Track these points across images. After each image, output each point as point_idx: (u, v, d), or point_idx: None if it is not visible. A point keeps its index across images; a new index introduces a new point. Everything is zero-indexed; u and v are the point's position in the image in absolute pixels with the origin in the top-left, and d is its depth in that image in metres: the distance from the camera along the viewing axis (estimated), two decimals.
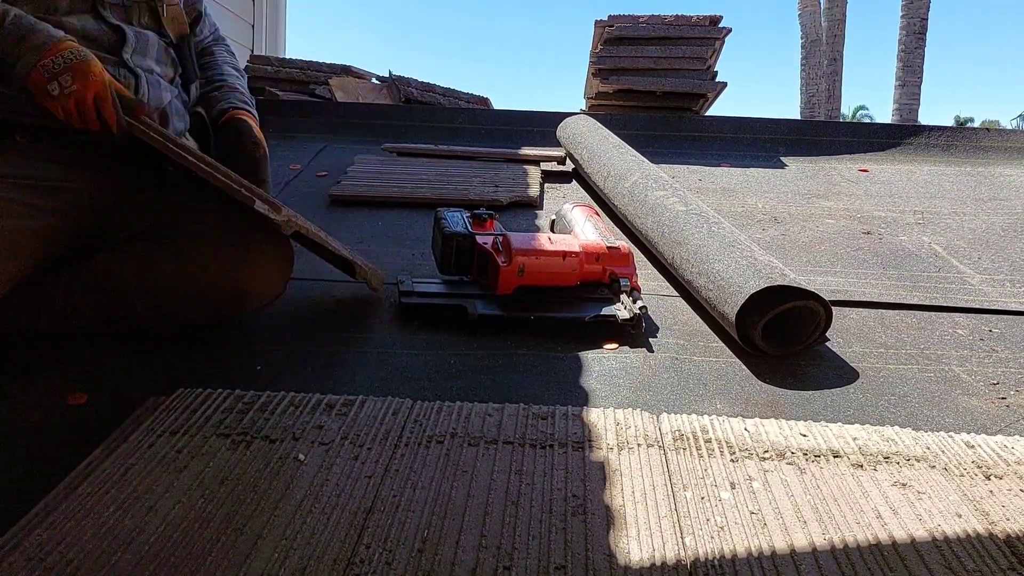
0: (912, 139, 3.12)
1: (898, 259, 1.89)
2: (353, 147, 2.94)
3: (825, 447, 1.02)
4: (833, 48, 8.78)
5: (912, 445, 1.03)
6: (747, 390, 1.24)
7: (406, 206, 2.22)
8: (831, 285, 1.70)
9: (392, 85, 3.86)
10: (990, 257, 1.92)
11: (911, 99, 7.82)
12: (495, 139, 3.11)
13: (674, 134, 3.17)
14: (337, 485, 0.89)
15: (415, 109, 3.46)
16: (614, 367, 1.30)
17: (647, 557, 0.79)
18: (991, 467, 0.99)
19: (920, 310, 1.60)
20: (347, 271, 1.47)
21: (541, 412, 1.08)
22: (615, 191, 2.02)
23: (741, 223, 2.15)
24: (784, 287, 1.32)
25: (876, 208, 2.32)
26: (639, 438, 1.02)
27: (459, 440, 1.00)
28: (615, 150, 2.24)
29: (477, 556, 0.78)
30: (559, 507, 0.86)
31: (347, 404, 1.09)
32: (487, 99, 4.14)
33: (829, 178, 2.68)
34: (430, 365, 1.28)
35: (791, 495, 0.91)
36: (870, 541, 0.82)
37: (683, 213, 1.66)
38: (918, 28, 7.69)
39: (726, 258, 1.42)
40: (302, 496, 0.87)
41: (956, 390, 1.26)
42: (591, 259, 1.51)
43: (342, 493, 0.87)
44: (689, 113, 3.62)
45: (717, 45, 3.71)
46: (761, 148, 3.05)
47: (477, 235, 1.50)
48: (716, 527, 0.84)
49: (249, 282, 1.27)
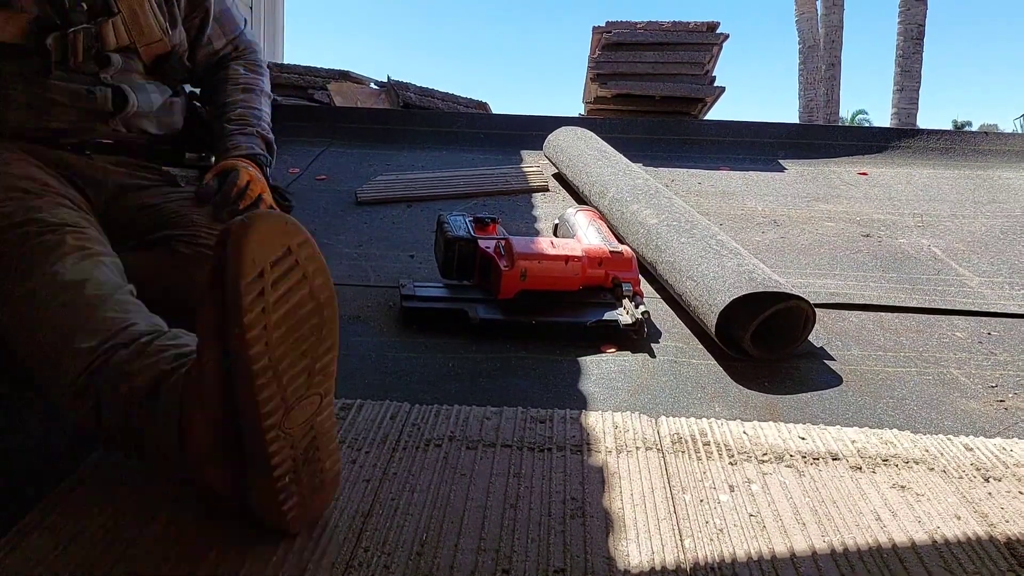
0: (911, 142, 3.12)
1: (897, 262, 1.89)
2: (351, 152, 2.95)
3: (824, 450, 1.02)
4: (831, 53, 8.80)
5: (911, 448, 1.03)
6: (746, 393, 1.24)
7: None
8: (830, 288, 1.70)
9: (391, 90, 3.87)
10: (989, 260, 1.92)
11: (909, 103, 7.83)
12: (493, 144, 3.11)
13: (673, 138, 3.17)
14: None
15: (414, 114, 3.47)
16: (613, 370, 1.30)
17: (646, 560, 0.79)
18: (990, 469, 0.98)
19: (919, 313, 1.60)
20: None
21: (539, 416, 1.08)
22: (599, 206, 2.02)
23: (740, 226, 2.15)
24: (760, 293, 1.32)
25: (875, 211, 2.33)
26: (638, 441, 1.02)
27: (457, 443, 1.00)
28: (595, 163, 2.22)
29: (475, 559, 0.78)
30: (558, 510, 0.86)
31: (345, 408, 1.08)
32: (486, 104, 4.15)
33: (828, 181, 2.69)
34: (428, 368, 1.28)
35: (790, 498, 0.90)
36: (869, 543, 0.82)
37: (656, 226, 1.66)
38: (915, 33, 7.71)
39: (699, 268, 1.43)
40: None
41: (955, 393, 1.26)
42: (594, 263, 1.51)
43: (340, 496, 0.87)
44: (688, 118, 3.63)
45: (715, 50, 3.72)
46: (760, 152, 3.06)
47: (479, 239, 1.50)
48: (715, 530, 0.84)
49: None
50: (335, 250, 1.88)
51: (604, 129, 2.94)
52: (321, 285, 0.77)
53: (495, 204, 2.32)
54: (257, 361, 0.72)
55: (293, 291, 0.74)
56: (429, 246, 1.79)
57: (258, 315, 0.71)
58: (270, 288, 0.72)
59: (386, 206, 2.28)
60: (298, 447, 0.78)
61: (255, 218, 0.72)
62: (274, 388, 0.73)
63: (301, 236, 0.74)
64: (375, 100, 3.82)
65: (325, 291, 0.77)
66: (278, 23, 5.05)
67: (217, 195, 1.26)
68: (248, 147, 1.36)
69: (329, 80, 3.82)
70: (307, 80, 3.82)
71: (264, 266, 0.71)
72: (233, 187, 1.26)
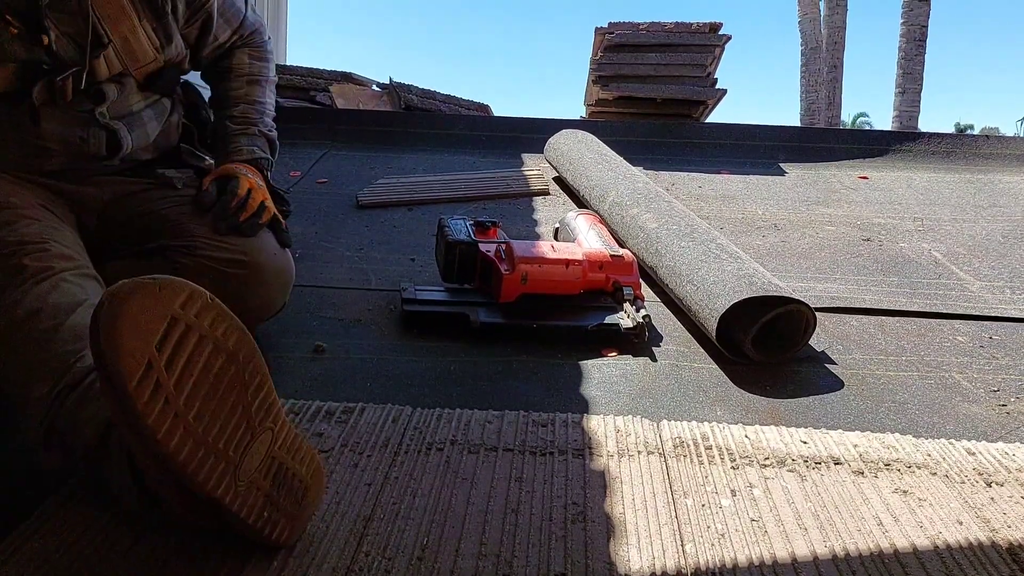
0: (912, 146, 3.12)
1: (898, 266, 1.89)
2: (353, 154, 2.95)
3: (826, 454, 1.02)
4: (833, 55, 8.79)
5: (913, 452, 1.03)
6: (747, 397, 1.24)
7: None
8: (831, 292, 1.70)
9: (392, 92, 3.87)
10: (990, 264, 1.92)
11: (911, 106, 7.83)
12: (495, 146, 3.12)
13: (674, 141, 3.17)
14: (337, 492, 0.89)
15: (415, 116, 3.47)
16: (614, 374, 1.30)
17: (647, 565, 0.79)
18: (992, 474, 0.98)
19: (920, 317, 1.60)
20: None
21: (541, 419, 1.08)
22: (600, 210, 2.02)
23: (741, 230, 2.15)
24: (761, 297, 1.31)
25: (876, 215, 2.33)
26: (639, 445, 1.02)
27: (459, 447, 1.00)
28: (595, 167, 2.22)
29: (476, 564, 0.78)
30: (559, 515, 0.86)
31: (347, 411, 1.09)
32: (487, 106, 4.15)
33: (829, 185, 2.69)
34: (430, 372, 1.28)
35: (792, 502, 0.90)
36: (871, 548, 0.82)
37: (655, 230, 1.66)
38: (918, 35, 7.71)
39: (699, 273, 1.43)
40: None
41: (956, 397, 1.26)
42: (594, 267, 1.51)
43: (341, 500, 0.87)
44: (689, 120, 3.64)
45: (717, 52, 3.72)
46: (761, 155, 3.06)
47: (480, 243, 1.51)
48: (717, 534, 0.84)
49: (250, 304, 1.25)
50: (336, 253, 1.88)
51: (605, 132, 2.94)
52: (225, 333, 0.70)
53: (496, 208, 2.32)
54: (180, 452, 0.66)
55: (195, 358, 0.67)
56: (430, 250, 1.79)
57: (161, 410, 0.64)
58: (165, 374, 0.64)
59: (387, 210, 2.28)
60: (264, 484, 0.74)
61: (121, 304, 0.63)
62: (211, 460, 0.68)
63: (183, 296, 0.67)
64: (377, 102, 3.82)
65: (232, 336, 0.70)
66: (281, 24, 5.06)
67: (216, 205, 1.25)
68: (250, 151, 1.34)
69: (331, 82, 3.82)
70: (309, 82, 3.82)
71: (149, 355, 0.63)
72: (234, 198, 1.25)
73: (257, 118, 1.39)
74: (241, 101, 1.39)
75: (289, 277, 1.30)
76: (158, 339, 0.64)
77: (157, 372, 0.64)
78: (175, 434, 0.66)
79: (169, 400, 0.65)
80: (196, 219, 1.25)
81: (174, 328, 0.66)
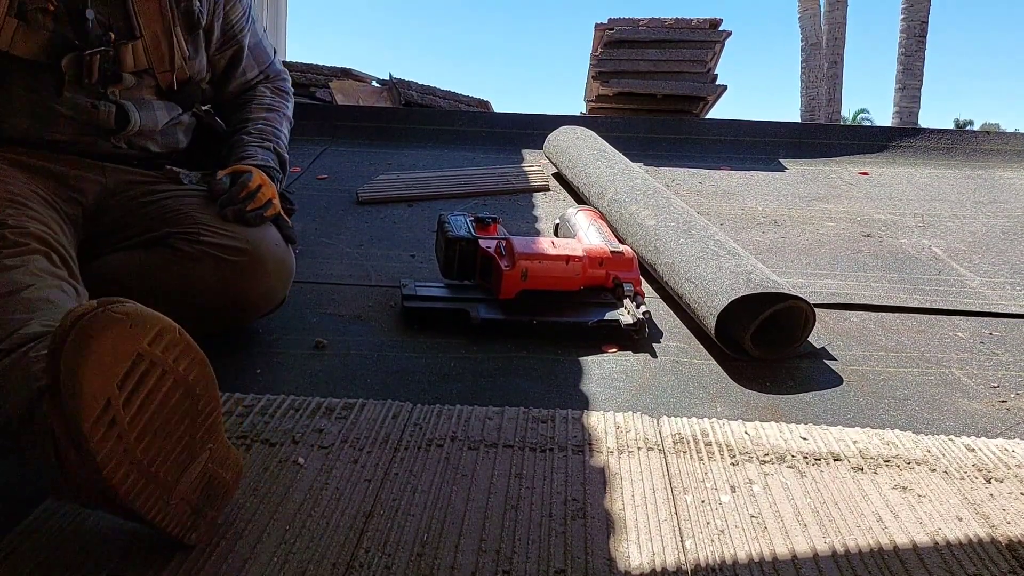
0: (912, 142, 3.12)
1: (898, 262, 1.89)
2: (352, 150, 2.95)
3: (825, 450, 1.02)
4: (833, 51, 8.78)
5: (912, 448, 1.03)
6: (747, 393, 1.24)
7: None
8: (831, 288, 1.70)
9: (392, 88, 3.87)
10: (990, 260, 1.92)
11: (911, 102, 7.82)
12: (495, 142, 3.11)
13: (674, 137, 3.17)
14: (337, 489, 0.89)
15: (415, 112, 3.47)
16: (614, 370, 1.30)
17: (647, 561, 0.79)
18: (992, 470, 0.98)
19: (920, 313, 1.60)
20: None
21: (541, 416, 1.08)
22: (599, 207, 2.02)
23: (741, 226, 2.15)
24: (759, 294, 1.31)
25: (876, 211, 2.33)
26: (639, 441, 1.02)
27: (459, 444, 1.00)
28: (594, 163, 2.22)
29: (476, 560, 0.78)
30: (559, 511, 0.86)
31: (347, 407, 1.09)
32: (488, 102, 4.15)
33: (829, 181, 2.69)
34: (430, 368, 1.28)
35: (791, 498, 0.90)
36: (871, 544, 0.82)
37: (654, 227, 1.66)
38: (918, 31, 7.69)
39: (698, 270, 1.43)
40: (301, 500, 0.87)
41: (956, 393, 1.26)
42: (595, 263, 1.51)
43: (341, 497, 0.87)
44: (689, 116, 3.63)
45: (717, 48, 3.71)
46: (761, 151, 3.06)
47: (480, 239, 1.50)
48: (716, 531, 0.84)
49: (250, 294, 1.25)
50: (336, 249, 1.88)
51: (605, 128, 2.93)
52: (188, 367, 0.68)
53: (496, 204, 2.32)
54: (123, 484, 0.64)
55: (154, 393, 0.65)
56: (430, 246, 1.79)
57: (112, 447, 0.62)
58: (122, 412, 0.62)
59: (387, 206, 2.27)
60: (193, 498, 0.73)
61: (88, 342, 0.60)
62: (149, 487, 0.67)
63: (153, 332, 0.65)
64: (377, 98, 3.82)
65: (193, 370, 0.68)
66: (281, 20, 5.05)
67: (226, 193, 1.26)
68: (263, 159, 1.37)
69: (331, 78, 3.82)
70: (309, 78, 3.82)
71: (110, 394, 0.61)
72: (244, 188, 1.26)
73: (272, 138, 1.43)
74: (260, 122, 1.44)
75: (290, 269, 1.32)
76: (120, 379, 0.62)
77: (114, 411, 0.62)
78: (121, 468, 0.64)
79: (121, 436, 0.64)
80: (202, 209, 1.26)
81: (138, 365, 0.64)
